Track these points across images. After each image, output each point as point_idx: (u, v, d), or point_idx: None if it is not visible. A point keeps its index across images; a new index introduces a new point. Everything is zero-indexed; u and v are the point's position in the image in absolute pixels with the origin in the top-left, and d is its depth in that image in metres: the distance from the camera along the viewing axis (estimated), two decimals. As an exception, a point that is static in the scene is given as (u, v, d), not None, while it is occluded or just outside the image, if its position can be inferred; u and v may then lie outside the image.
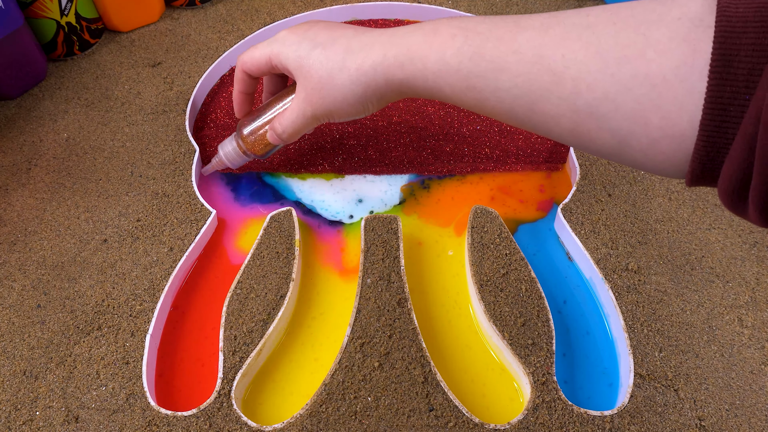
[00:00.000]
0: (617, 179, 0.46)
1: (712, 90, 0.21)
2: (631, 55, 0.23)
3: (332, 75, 0.33)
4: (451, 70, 0.28)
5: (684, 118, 0.22)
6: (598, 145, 0.26)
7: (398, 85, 0.32)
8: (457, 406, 0.34)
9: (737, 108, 0.20)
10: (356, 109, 0.34)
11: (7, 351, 0.37)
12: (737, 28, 0.20)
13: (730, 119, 0.21)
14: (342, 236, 0.44)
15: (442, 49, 0.29)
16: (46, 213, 0.44)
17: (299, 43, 0.34)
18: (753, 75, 0.20)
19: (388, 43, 0.31)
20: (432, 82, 0.30)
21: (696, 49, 0.21)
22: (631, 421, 0.34)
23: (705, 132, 0.21)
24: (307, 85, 0.34)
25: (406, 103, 0.52)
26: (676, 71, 0.22)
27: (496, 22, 0.28)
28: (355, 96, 0.33)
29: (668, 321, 0.38)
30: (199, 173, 0.47)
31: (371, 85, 0.32)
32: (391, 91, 0.32)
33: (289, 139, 0.38)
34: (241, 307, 0.38)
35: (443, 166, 0.48)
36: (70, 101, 0.53)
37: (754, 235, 0.43)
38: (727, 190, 0.21)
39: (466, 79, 0.28)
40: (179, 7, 0.62)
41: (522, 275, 0.39)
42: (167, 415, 0.34)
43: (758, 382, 0.36)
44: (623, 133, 0.24)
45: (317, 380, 0.36)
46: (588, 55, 0.24)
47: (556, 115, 0.26)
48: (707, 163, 0.22)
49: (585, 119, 0.25)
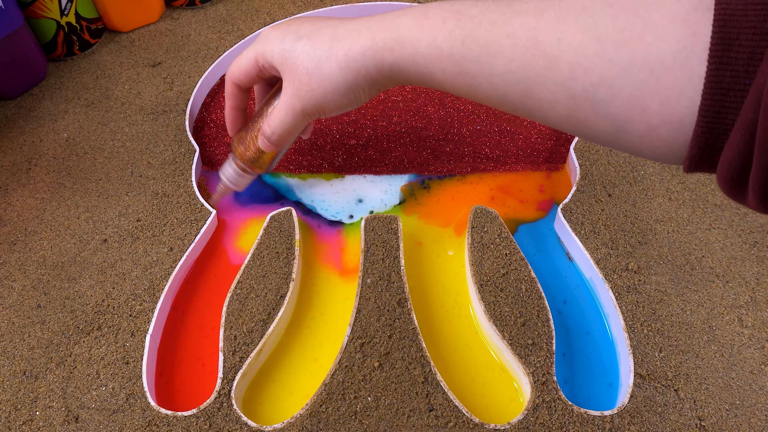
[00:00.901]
0: (617, 179, 0.46)
1: (711, 75, 0.20)
2: (629, 39, 0.22)
3: (319, 64, 0.31)
4: (443, 54, 0.28)
5: (683, 104, 0.21)
6: (595, 131, 0.25)
7: (389, 70, 0.30)
8: (457, 406, 0.34)
9: (737, 93, 0.20)
10: (347, 98, 0.33)
11: (7, 351, 0.37)
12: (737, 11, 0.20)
13: (730, 105, 0.20)
14: (342, 236, 0.44)
15: (433, 33, 0.28)
16: (46, 213, 0.44)
17: (282, 38, 0.33)
18: (753, 59, 0.19)
19: (376, 27, 0.30)
20: (423, 67, 0.29)
21: (696, 32, 0.21)
22: (631, 421, 0.34)
23: (704, 118, 0.21)
24: (294, 79, 0.33)
25: (406, 104, 0.52)
26: (675, 55, 0.21)
27: (489, 6, 0.27)
28: (345, 84, 0.31)
29: (668, 321, 0.38)
30: (199, 173, 0.47)
31: (361, 71, 0.31)
32: (383, 77, 0.31)
33: (281, 141, 0.36)
34: (241, 307, 0.38)
35: (443, 166, 0.48)
36: (70, 101, 0.53)
37: (754, 235, 0.43)
38: (726, 176, 0.21)
39: (458, 64, 0.27)
40: (179, 7, 0.62)
41: (522, 275, 0.39)
42: (167, 415, 0.34)
43: (758, 382, 0.36)
44: (621, 120, 0.24)
45: (317, 380, 0.36)
46: (584, 39, 0.23)
47: (551, 100, 0.25)
48: (706, 149, 0.21)
49: (582, 105, 0.24)
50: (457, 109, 0.51)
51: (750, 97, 0.19)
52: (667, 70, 0.21)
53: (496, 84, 0.27)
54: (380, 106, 0.52)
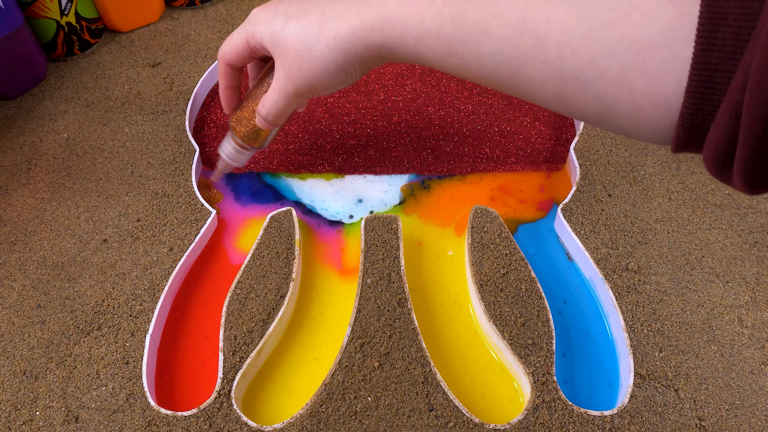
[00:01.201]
0: (617, 179, 0.46)
1: (698, 55, 0.20)
2: (617, 19, 0.22)
3: (310, 46, 0.31)
4: (432, 34, 0.28)
5: (670, 85, 0.21)
6: (583, 111, 0.25)
7: (378, 50, 0.30)
8: (457, 406, 0.34)
9: (724, 74, 0.20)
10: (339, 78, 0.33)
11: (7, 351, 0.37)
12: None
13: (716, 86, 0.20)
14: (342, 236, 0.44)
15: (421, 13, 0.28)
16: (46, 213, 0.44)
17: (272, 19, 0.33)
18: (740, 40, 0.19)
19: (364, 7, 0.30)
20: (412, 47, 0.29)
21: (683, 11, 0.21)
22: (631, 421, 0.34)
23: (691, 99, 0.21)
24: (285, 61, 0.33)
25: (406, 104, 0.52)
26: (662, 35, 0.21)
27: None
28: (336, 65, 0.32)
29: (668, 321, 0.38)
30: (199, 173, 0.47)
31: (351, 51, 0.31)
32: (372, 56, 0.31)
33: (276, 121, 0.37)
34: (241, 307, 0.38)
35: (443, 166, 0.48)
36: (70, 101, 0.53)
37: (754, 235, 0.43)
38: (712, 158, 0.21)
39: (447, 43, 0.27)
40: (179, 7, 0.62)
41: (522, 275, 0.39)
42: (167, 415, 0.34)
43: (758, 382, 0.36)
44: (608, 100, 0.23)
45: (317, 380, 0.36)
46: (572, 18, 0.23)
47: (540, 80, 0.25)
48: (693, 130, 0.21)
49: (570, 85, 0.24)
50: (457, 109, 0.51)
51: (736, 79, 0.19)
52: (654, 51, 0.21)
53: (485, 63, 0.27)
54: (380, 106, 0.52)
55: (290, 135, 0.50)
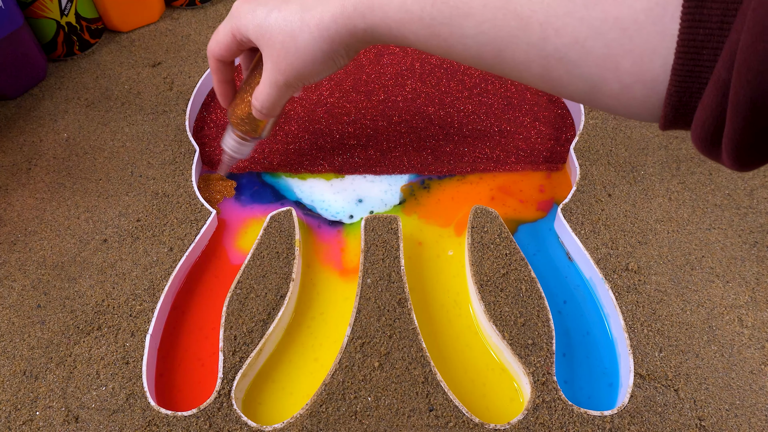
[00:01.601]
0: (617, 179, 0.46)
1: (684, 32, 0.20)
2: None
3: (294, 37, 0.31)
4: (414, 17, 0.27)
5: (656, 63, 0.21)
6: (570, 90, 0.25)
7: (362, 34, 0.30)
8: (457, 406, 0.34)
9: (711, 51, 0.19)
10: (327, 65, 0.33)
11: (7, 351, 0.37)
12: None
13: (703, 63, 0.20)
14: (342, 236, 0.44)
15: None
16: (46, 213, 0.44)
17: (254, 10, 0.33)
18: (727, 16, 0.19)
19: None
20: (396, 30, 0.29)
21: None
22: (631, 421, 0.34)
23: (677, 77, 0.20)
24: (272, 53, 0.33)
25: (406, 104, 0.52)
26: (648, 13, 0.21)
27: None
28: (323, 53, 0.32)
29: (668, 321, 0.38)
30: (199, 173, 0.47)
31: (335, 38, 0.31)
32: (357, 41, 0.31)
33: (271, 112, 0.37)
34: (241, 307, 0.38)
35: (443, 166, 0.48)
36: (70, 101, 0.53)
37: (754, 235, 0.43)
38: (700, 136, 0.21)
39: (429, 26, 0.27)
40: (179, 7, 0.62)
41: (522, 275, 0.39)
42: (167, 415, 0.34)
43: (758, 382, 0.36)
44: (595, 79, 0.23)
45: (317, 380, 0.36)
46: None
47: (525, 61, 0.25)
48: (680, 108, 0.21)
49: (555, 65, 0.24)
50: (457, 109, 0.51)
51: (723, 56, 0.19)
52: (639, 29, 0.21)
53: (468, 45, 0.26)
54: (380, 106, 0.52)
55: (290, 135, 0.50)
